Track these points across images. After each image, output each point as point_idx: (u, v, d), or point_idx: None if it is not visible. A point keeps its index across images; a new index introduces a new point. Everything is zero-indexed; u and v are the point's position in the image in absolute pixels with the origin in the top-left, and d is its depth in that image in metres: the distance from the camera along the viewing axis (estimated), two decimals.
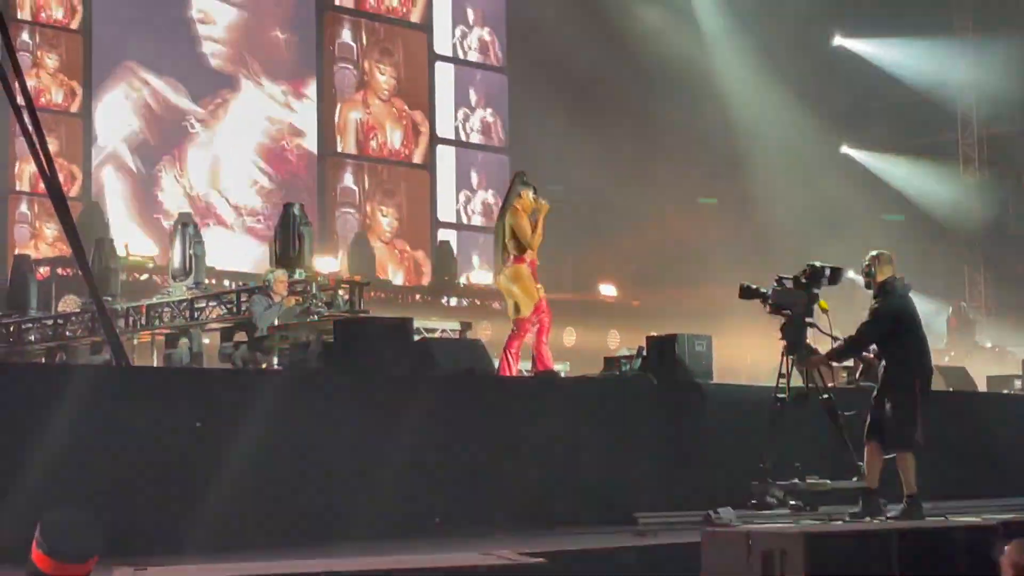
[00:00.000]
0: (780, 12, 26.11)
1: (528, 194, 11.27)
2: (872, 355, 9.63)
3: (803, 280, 10.11)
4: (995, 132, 28.22)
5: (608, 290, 26.88)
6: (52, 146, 18.08)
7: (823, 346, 10.09)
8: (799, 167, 26.80)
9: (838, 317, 10.05)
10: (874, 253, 9.65)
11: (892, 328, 9.43)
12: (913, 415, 9.25)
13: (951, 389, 13.71)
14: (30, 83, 19.06)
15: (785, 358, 10.02)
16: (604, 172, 24.99)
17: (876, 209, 26.85)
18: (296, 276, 14.80)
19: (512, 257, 11.12)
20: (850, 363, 12.40)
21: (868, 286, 9.68)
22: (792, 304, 10.04)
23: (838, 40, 28.94)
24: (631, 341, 17.65)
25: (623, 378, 11.23)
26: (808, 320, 10.07)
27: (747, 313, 11.45)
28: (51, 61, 22.60)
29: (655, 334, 11.29)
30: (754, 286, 10.26)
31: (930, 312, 21.18)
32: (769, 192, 26.23)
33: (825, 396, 10.03)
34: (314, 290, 14.42)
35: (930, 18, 26.81)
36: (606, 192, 25.14)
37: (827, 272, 10.08)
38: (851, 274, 10.48)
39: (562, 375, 12.29)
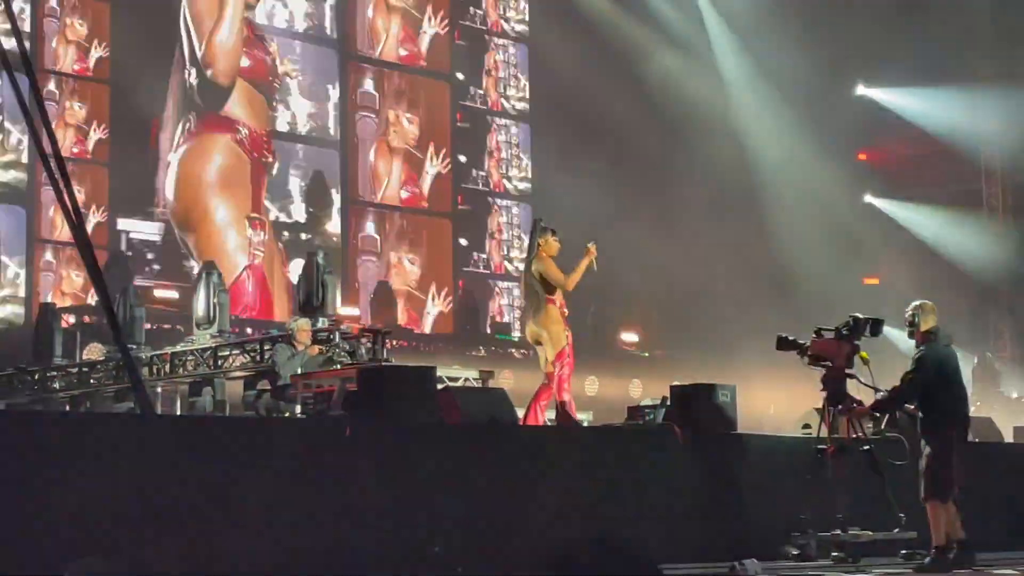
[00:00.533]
0: (801, 60, 26.13)
1: (550, 239, 11.30)
2: (913, 407, 9.60)
3: (844, 332, 10.08)
4: (1020, 180, 28.11)
5: (630, 338, 26.79)
6: (79, 195, 18.27)
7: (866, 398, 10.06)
8: (821, 215, 26.72)
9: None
10: (917, 303, 9.66)
11: (934, 376, 9.41)
12: (947, 464, 9.20)
13: (977, 440, 13.60)
14: (57, 132, 19.21)
15: (827, 409, 9.98)
16: (625, 219, 24.96)
17: (898, 255, 26.77)
18: (319, 324, 14.80)
19: (544, 299, 11.12)
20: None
21: (911, 336, 9.66)
22: (833, 356, 10.01)
23: (860, 89, 28.96)
24: (653, 390, 17.58)
25: (647, 428, 11.19)
26: (848, 371, 10.03)
27: (771, 362, 11.39)
28: (79, 110, 22.76)
29: (678, 383, 11.25)
30: (791, 337, 10.24)
31: None
32: (792, 240, 26.14)
33: (866, 447, 9.96)
34: (337, 339, 14.41)
35: (953, 67, 26.79)
36: (628, 239, 25.11)
37: (869, 324, 10.05)
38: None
39: (585, 424, 12.23)
